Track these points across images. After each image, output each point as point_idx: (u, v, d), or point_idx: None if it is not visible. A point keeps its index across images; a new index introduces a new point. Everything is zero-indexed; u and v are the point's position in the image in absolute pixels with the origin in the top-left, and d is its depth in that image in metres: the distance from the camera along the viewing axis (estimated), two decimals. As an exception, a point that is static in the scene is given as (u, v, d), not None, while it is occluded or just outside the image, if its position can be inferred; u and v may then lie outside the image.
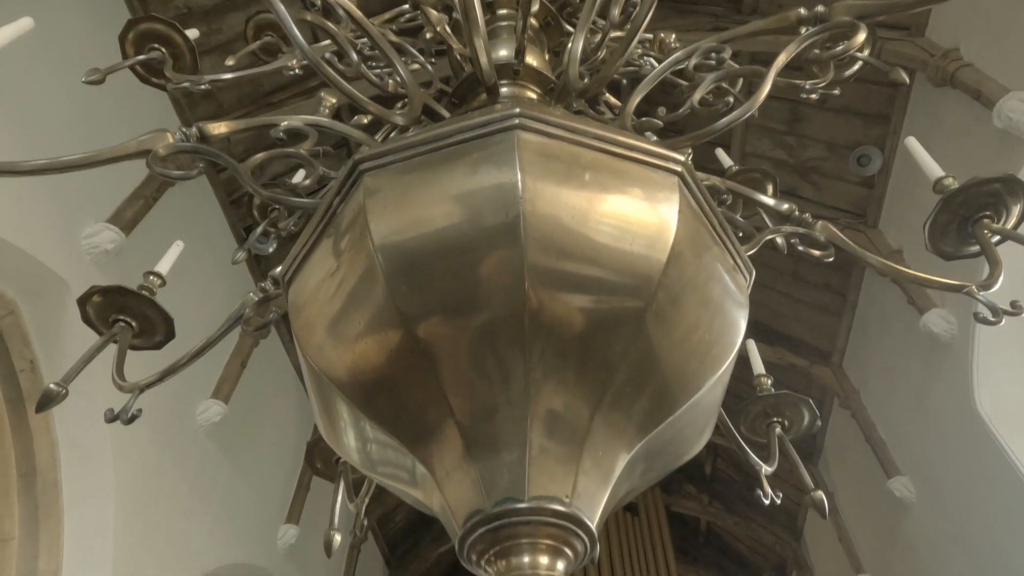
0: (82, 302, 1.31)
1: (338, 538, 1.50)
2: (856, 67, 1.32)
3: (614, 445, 0.76)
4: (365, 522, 1.41)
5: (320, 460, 1.57)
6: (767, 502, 1.27)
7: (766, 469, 1.28)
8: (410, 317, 0.73)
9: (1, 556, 3.93)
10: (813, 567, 8.04)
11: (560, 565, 0.71)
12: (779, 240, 1.30)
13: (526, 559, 0.69)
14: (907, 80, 1.43)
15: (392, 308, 0.73)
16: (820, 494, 1.38)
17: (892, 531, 6.14)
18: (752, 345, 1.71)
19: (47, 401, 1.26)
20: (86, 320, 1.33)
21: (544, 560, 0.70)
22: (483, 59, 1.07)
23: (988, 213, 1.18)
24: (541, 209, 0.71)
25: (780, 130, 5.70)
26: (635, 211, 0.77)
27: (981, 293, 1.06)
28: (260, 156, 1.05)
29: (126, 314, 1.33)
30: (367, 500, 1.41)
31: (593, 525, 0.73)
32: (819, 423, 1.49)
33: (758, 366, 1.60)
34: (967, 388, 4.84)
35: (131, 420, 1.12)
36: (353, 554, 7.66)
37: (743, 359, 1.65)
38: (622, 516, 9.70)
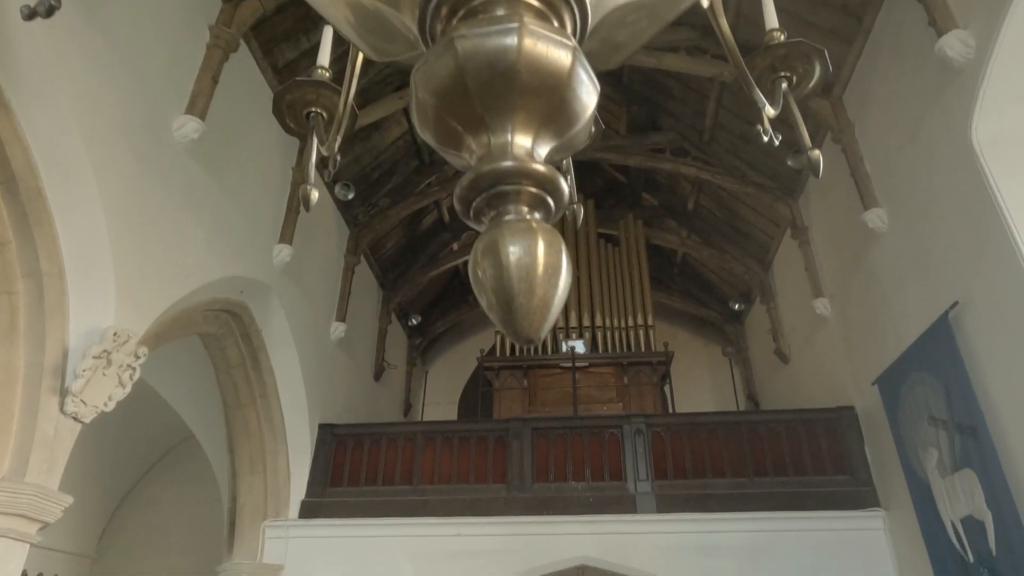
0: None
1: (315, 194, 1.48)
2: None
3: None
4: (339, 158, 1.36)
5: (290, 116, 1.47)
6: (766, 140, 1.22)
7: (769, 110, 1.20)
8: None
9: (2, 258, 4.06)
10: (777, 293, 8.67)
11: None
12: None
13: None
14: None
15: None
16: (817, 152, 1.32)
17: (857, 260, 6.49)
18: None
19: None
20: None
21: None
22: None
23: None
24: None
25: None
26: None
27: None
28: None
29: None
30: (339, 140, 1.34)
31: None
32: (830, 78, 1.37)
33: (771, 20, 1.43)
34: (966, 117, 4.70)
35: (50, 12, 0.98)
36: (348, 275, 8.12)
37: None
38: (603, 246, 10.18)
